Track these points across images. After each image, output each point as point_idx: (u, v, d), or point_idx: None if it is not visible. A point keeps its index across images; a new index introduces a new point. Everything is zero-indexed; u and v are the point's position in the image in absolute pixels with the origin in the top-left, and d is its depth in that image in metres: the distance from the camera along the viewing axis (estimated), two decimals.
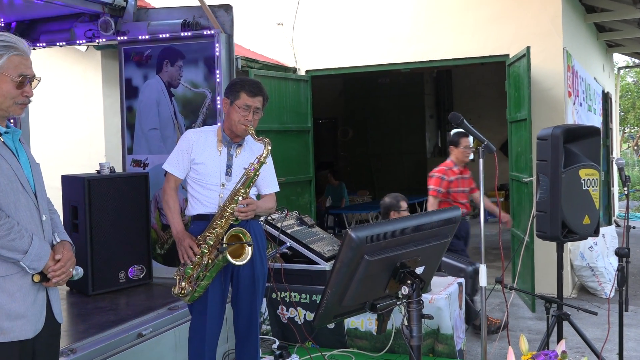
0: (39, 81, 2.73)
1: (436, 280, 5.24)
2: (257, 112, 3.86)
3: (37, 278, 2.61)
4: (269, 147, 3.78)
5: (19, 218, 2.59)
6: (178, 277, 3.80)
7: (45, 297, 2.67)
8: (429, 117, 16.23)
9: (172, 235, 3.89)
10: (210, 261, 3.70)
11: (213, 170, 3.84)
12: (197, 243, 3.75)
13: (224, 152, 3.88)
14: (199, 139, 3.89)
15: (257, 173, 3.76)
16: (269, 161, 3.99)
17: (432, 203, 6.32)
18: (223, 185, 3.84)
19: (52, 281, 2.63)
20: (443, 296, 4.90)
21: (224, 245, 3.66)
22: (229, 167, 3.86)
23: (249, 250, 3.73)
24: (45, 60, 7.48)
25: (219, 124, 4.04)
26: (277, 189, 4.14)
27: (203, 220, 3.85)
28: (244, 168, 3.80)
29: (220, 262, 3.69)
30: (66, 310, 4.92)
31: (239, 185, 3.75)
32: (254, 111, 3.83)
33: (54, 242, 2.73)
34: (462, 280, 5.46)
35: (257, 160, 3.76)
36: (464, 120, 3.82)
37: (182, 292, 3.77)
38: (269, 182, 4.05)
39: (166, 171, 3.94)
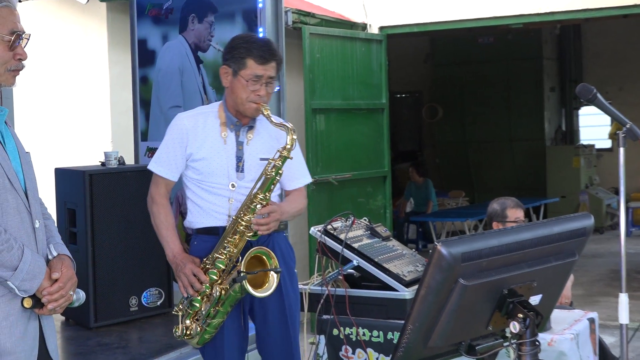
0: (28, 39, 2.82)
1: (558, 315, 5.19)
2: (271, 82, 3.82)
3: (28, 303, 2.69)
4: (294, 136, 3.74)
5: (6, 224, 2.67)
6: (180, 313, 3.80)
7: (38, 329, 2.76)
8: (550, 91, 16.01)
9: (168, 259, 3.90)
10: (223, 292, 3.70)
11: (218, 166, 3.82)
12: (203, 268, 3.75)
13: (231, 139, 3.85)
14: (196, 125, 3.87)
15: (280, 172, 3.72)
16: (296, 145, 3.90)
17: None
18: (233, 186, 3.81)
19: (47, 307, 2.71)
20: (568, 336, 4.86)
21: (242, 274, 3.62)
22: (239, 159, 3.84)
23: (274, 277, 3.73)
24: (34, 16, 7.67)
25: (219, 102, 4.00)
26: (309, 179, 4.13)
27: (210, 235, 3.85)
28: (261, 159, 3.77)
29: (238, 293, 3.69)
30: (61, 347, 5.03)
31: (256, 189, 3.72)
32: (267, 82, 3.79)
33: (49, 257, 2.82)
34: (594, 314, 5.40)
35: (277, 154, 3.72)
36: (598, 95, 3.78)
37: (188, 332, 3.79)
38: (295, 172, 4.01)
39: (153, 172, 3.93)
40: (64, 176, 5.66)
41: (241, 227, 3.70)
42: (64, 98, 8.31)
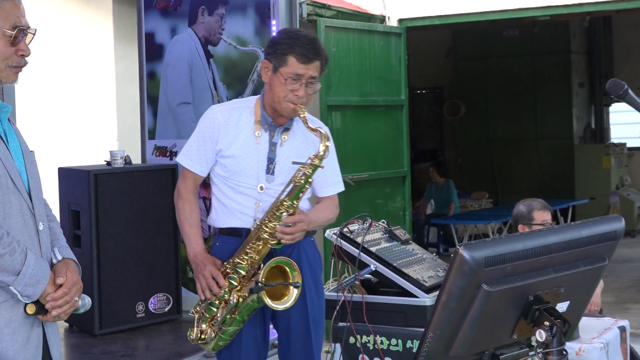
0: (34, 34, 2.84)
1: (587, 323, 5.18)
2: (312, 83, 3.79)
3: (31, 309, 2.71)
4: (327, 143, 3.74)
5: (8, 226, 2.69)
6: (197, 316, 3.82)
7: (42, 336, 2.78)
8: (578, 86, 15.96)
9: (188, 258, 3.90)
10: (240, 300, 3.71)
11: (248, 166, 3.82)
12: (224, 272, 3.76)
13: (264, 139, 3.84)
14: (229, 119, 3.85)
15: (310, 180, 3.73)
16: (331, 150, 3.94)
17: None
18: (262, 188, 3.81)
19: (51, 314, 2.73)
20: (597, 346, 4.85)
21: (260, 284, 3.62)
22: (270, 161, 3.83)
23: (294, 291, 3.74)
24: (37, 9, 7.71)
25: (256, 96, 3.98)
26: (342, 188, 4.14)
27: (234, 236, 3.86)
28: (294, 162, 3.76)
29: (255, 303, 3.71)
30: (65, 354, 5.07)
31: (283, 196, 3.73)
32: (308, 82, 3.76)
33: (54, 261, 2.84)
34: (625, 322, 5.38)
35: (309, 161, 3.73)
36: (630, 91, 3.77)
37: (203, 337, 3.80)
38: (328, 179, 4.02)
39: (181, 166, 3.95)
40: (67, 176, 5.69)
41: (265, 234, 3.70)
42: (68, 94, 8.34)
